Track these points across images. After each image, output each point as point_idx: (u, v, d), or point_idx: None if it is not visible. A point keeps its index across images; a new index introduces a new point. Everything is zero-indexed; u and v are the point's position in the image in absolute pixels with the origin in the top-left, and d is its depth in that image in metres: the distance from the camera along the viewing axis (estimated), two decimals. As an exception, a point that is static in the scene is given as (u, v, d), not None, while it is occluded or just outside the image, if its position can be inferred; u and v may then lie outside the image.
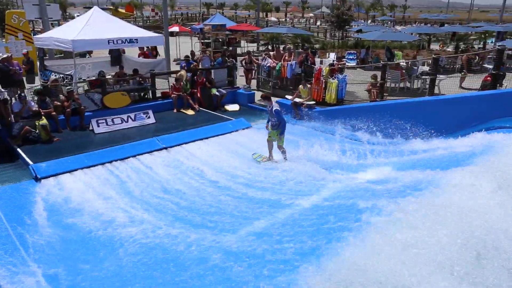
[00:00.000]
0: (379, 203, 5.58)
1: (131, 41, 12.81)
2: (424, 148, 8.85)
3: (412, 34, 24.74)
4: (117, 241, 6.07)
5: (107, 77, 12.89)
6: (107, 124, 11.05)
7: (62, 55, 17.45)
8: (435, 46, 29.34)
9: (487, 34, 28.89)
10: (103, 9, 18.77)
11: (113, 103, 11.97)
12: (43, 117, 9.95)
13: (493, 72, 10.96)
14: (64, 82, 12.20)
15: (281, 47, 18.48)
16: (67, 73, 12.79)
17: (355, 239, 4.70)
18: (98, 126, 10.89)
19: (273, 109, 8.81)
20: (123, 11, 45.96)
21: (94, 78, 12.94)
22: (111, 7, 51.92)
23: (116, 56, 15.56)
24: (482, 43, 27.29)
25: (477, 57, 19.40)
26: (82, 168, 8.44)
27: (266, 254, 5.11)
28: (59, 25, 21.22)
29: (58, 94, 11.41)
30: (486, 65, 18.60)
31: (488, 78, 11.57)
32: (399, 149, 9.16)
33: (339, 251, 4.55)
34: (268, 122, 9.29)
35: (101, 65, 14.81)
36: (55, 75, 12.52)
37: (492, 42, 26.99)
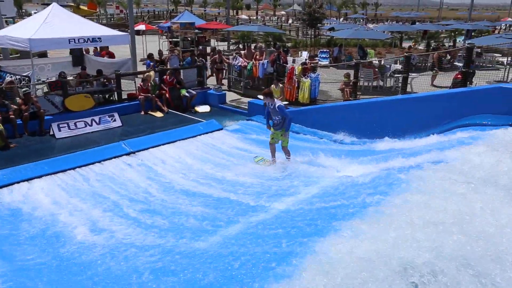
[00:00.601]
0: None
1: (94, 40, 12.56)
2: (396, 147, 9.04)
3: (384, 32, 25.33)
4: (79, 251, 5.90)
5: (68, 78, 12.54)
6: (69, 128, 10.74)
7: (19, 55, 16.86)
8: (407, 44, 30.20)
9: (456, 32, 30.00)
10: (63, 5, 18.20)
11: (75, 106, 11.64)
12: (-2, 122, 9.55)
13: (463, 70, 11.37)
14: (21, 84, 11.78)
15: (253, 45, 18.52)
16: (24, 74, 12.36)
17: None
18: (60, 130, 10.57)
19: (277, 106, 8.30)
20: (85, 8, 44.77)
21: (54, 79, 12.56)
22: (72, 4, 50.50)
23: (78, 56, 15.18)
24: (452, 41, 28.28)
25: (448, 55, 20.12)
26: (41, 176, 8.15)
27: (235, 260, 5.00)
28: (14, 23, 20.50)
29: (14, 96, 11.00)
30: (456, 63, 19.32)
31: (459, 76, 12.00)
32: (372, 149, 9.32)
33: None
34: (268, 122, 8.94)
35: (62, 66, 14.39)
36: (11, 77, 12.06)
37: (462, 40, 28.06)
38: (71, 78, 13.01)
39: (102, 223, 6.70)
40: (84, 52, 15.62)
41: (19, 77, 12.22)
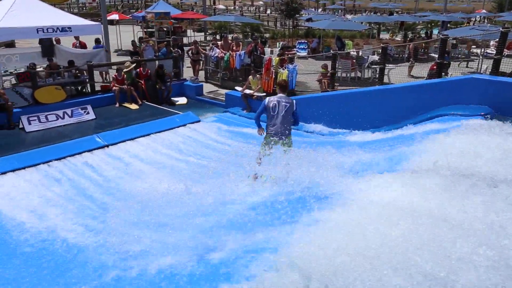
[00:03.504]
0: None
1: (63, 29, 12.23)
2: (371, 138, 9.22)
3: (362, 23, 25.63)
4: (48, 248, 5.82)
5: (38, 69, 12.21)
6: (40, 121, 10.50)
7: (-16, 45, 16.28)
8: (384, 36, 30.60)
9: (432, 24, 30.58)
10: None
11: (46, 98, 11.39)
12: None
13: (438, 61, 11.62)
14: (-13, 76, 11.42)
15: (230, 36, 18.43)
16: (-10, 65, 11.98)
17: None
18: (30, 123, 10.33)
19: (295, 104, 6.57)
20: (55, -4, 43.58)
21: (23, 70, 12.22)
22: (41, -8, 49.02)
23: (48, 46, 14.76)
24: (426, 32, 28.80)
25: (423, 46, 20.53)
26: (10, 171, 7.96)
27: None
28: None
29: (-20, 89, 10.67)
30: (432, 54, 19.72)
31: (434, 67, 12.26)
32: (347, 140, 9.48)
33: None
34: (259, 122, 6.88)
35: (31, 56, 13.97)
36: (-24, 68, 11.67)
37: (437, 31, 28.61)
38: (41, 69, 12.67)
39: (73, 220, 6.62)
40: (55, 42, 15.22)
41: (-16, 68, 11.84)
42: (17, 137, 9.81)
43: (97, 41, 15.36)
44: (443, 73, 11.83)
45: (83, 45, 15.97)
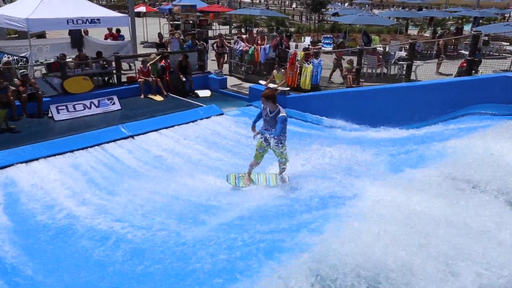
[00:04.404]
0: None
1: (92, 21, 12.44)
2: (400, 135, 9.07)
3: (389, 18, 25.06)
4: (76, 233, 5.99)
5: (67, 60, 12.49)
6: (68, 111, 10.76)
7: (17, 35, 16.75)
8: (413, 31, 29.89)
9: (464, 20, 29.67)
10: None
11: (74, 88, 11.63)
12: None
13: (469, 58, 11.29)
14: (19, 65, 11.74)
15: (255, 30, 18.38)
16: (22, 55, 12.30)
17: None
18: (58, 112, 10.59)
19: (279, 117, 6.30)
20: (85, -12, 44.35)
21: (53, 61, 12.52)
22: (71, -16, 49.98)
23: (77, 38, 15.09)
24: (456, 28, 28.00)
25: (453, 42, 19.95)
26: (39, 158, 8.20)
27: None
28: (11, 1, 20.30)
29: (12, 78, 10.98)
30: (462, 51, 19.17)
31: (464, 64, 11.93)
32: (373, 137, 9.33)
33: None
34: (255, 123, 7.01)
35: (61, 47, 14.36)
36: (8, 57, 12.01)
37: (469, 27, 27.77)
38: (70, 60, 12.95)
39: (99, 207, 6.79)
40: (83, 34, 15.53)
41: (17, 57, 12.17)
42: (46, 126, 10.08)
43: (117, 31, 15.63)
44: (473, 71, 11.51)
45: (115, 37, 16.24)
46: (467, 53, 12.13)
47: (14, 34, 17.38)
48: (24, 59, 12.04)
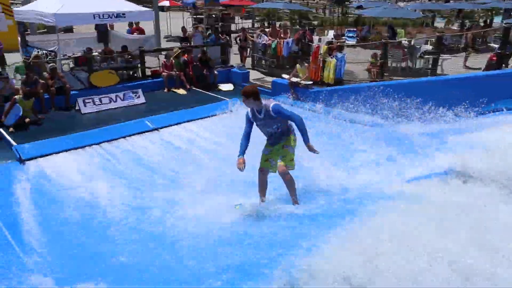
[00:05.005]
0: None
1: (118, 15, 12.63)
2: (425, 131, 8.87)
3: (415, 11, 24.55)
4: (104, 222, 6.14)
5: (93, 54, 12.73)
6: (94, 104, 10.99)
7: (45, 30, 17.18)
8: (439, 24, 29.14)
9: (494, 11, 28.74)
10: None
11: (100, 81, 11.87)
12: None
13: (499, 51, 10.96)
14: (47, 59, 12.05)
15: (278, 23, 18.30)
16: (50, 49, 12.62)
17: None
18: (85, 105, 10.83)
19: (271, 108, 5.11)
20: (110, -17, 44.98)
21: (80, 55, 12.79)
22: (97, -21, 50.80)
23: (103, 32, 15.36)
24: (485, 20, 27.13)
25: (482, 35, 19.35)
26: (68, 150, 8.41)
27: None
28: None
29: (41, 71, 11.28)
30: (492, 44, 18.59)
31: (494, 58, 11.58)
32: (400, 134, 9.15)
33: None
34: (244, 148, 5.39)
35: (87, 42, 14.62)
36: (37, 51, 12.34)
37: (499, 20, 26.87)
38: (96, 54, 13.20)
39: (125, 197, 6.94)
40: (109, 28, 15.79)
41: (45, 52, 12.49)
42: (73, 118, 10.33)
43: (130, 25, 15.78)
44: (503, 65, 11.16)
45: (141, 31, 16.45)
46: (497, 46, 11.77)
47: (43, 28, 17.84)
48: (53, 53, 12.36)
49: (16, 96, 9.48)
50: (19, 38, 14.28)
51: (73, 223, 6.23)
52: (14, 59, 12.82)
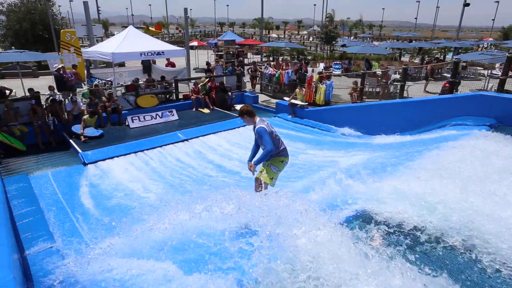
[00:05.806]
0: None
1: (159, 53, 12.79)
2: (392, 141, 8.78)
3: (386, 48, 24.40)
4: (140, 208, 6.12)
5: (139, 82, 12.89)
6: (139, 120, 11.08)
7: (105, 65, 17.43)
8: (405, 59, 28.97)
9: (446, 49, 28.55)
10: (137, 27, 18.67)
11: (144, 103, 11.99)
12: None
13: (451, 80, 10.85)
14: (106, 87, 12.22)
15: (280, 58, 18.33)
16: (108, 79, 12.79)
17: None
18: (133, 122, 10.93)
19: (256, 128, 4.63)
20: (153, 29, 45.63)
21: (129, 83, 12.96)
22: (143, 26, 51.62)
23: (147, 66, 15.54)
24: (441, 56, 26.90)
25: (438, 67, 19.16)
26: (120, 156, 8.50)
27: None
28: (102, 41, 21.20)
29: (101, 96, 11.44)
30: (445, 74, 18.40)
31: (447, 85, 11.45)
32: (371, 142, 9.08)
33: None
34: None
35: (135, 73, 14.80)
36: (98, 81, 12.52)
37: (450, 56, 26.57)
38: (142, 82, 13.36)
39: (159, 191, 6.96)
40: (152, 63, 15.97)
41: (104, 81, 12.65)
42: (124, 132, 10.42)
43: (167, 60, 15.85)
44: (454, 90, 11.03)
45: (172, 65, 16.61)
46: (449, 75, 11.63)
47: (102, 64, 18.12)
48: (109, 82, 12.51)
49: (84, 117, 9.65)
50: (85, 71, 14.52)
51: (119, 209, 6.29)
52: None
